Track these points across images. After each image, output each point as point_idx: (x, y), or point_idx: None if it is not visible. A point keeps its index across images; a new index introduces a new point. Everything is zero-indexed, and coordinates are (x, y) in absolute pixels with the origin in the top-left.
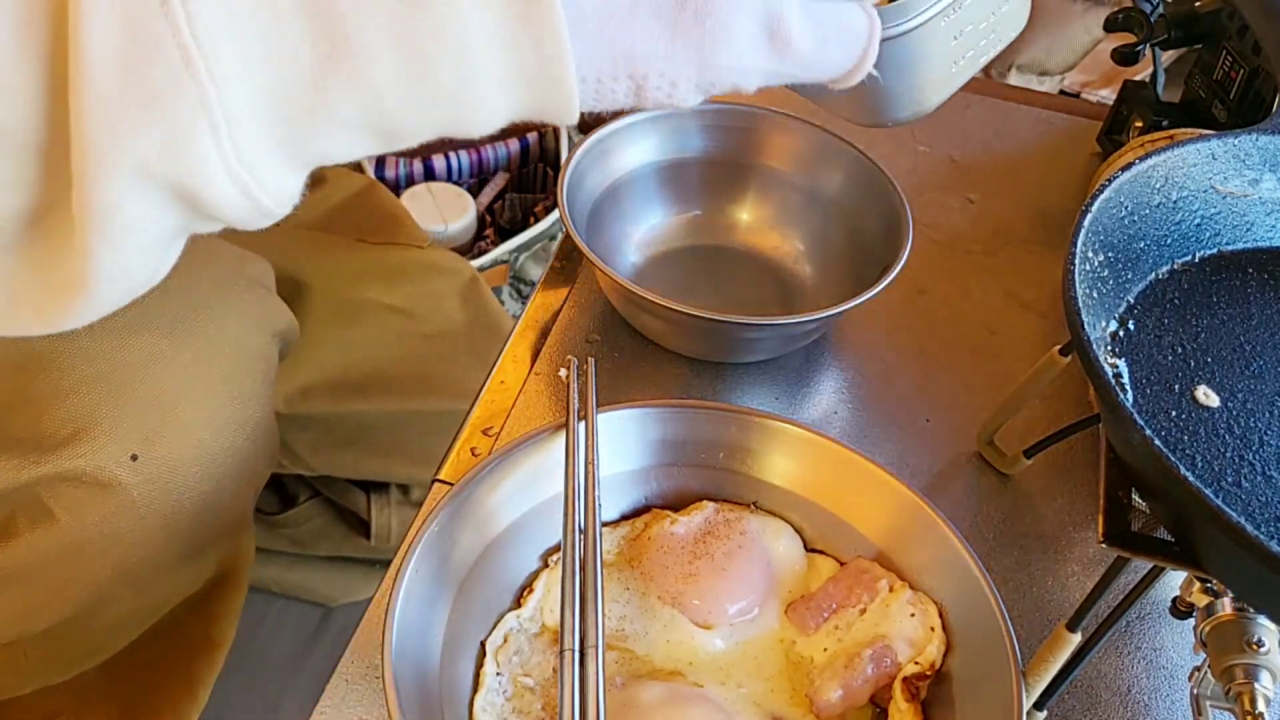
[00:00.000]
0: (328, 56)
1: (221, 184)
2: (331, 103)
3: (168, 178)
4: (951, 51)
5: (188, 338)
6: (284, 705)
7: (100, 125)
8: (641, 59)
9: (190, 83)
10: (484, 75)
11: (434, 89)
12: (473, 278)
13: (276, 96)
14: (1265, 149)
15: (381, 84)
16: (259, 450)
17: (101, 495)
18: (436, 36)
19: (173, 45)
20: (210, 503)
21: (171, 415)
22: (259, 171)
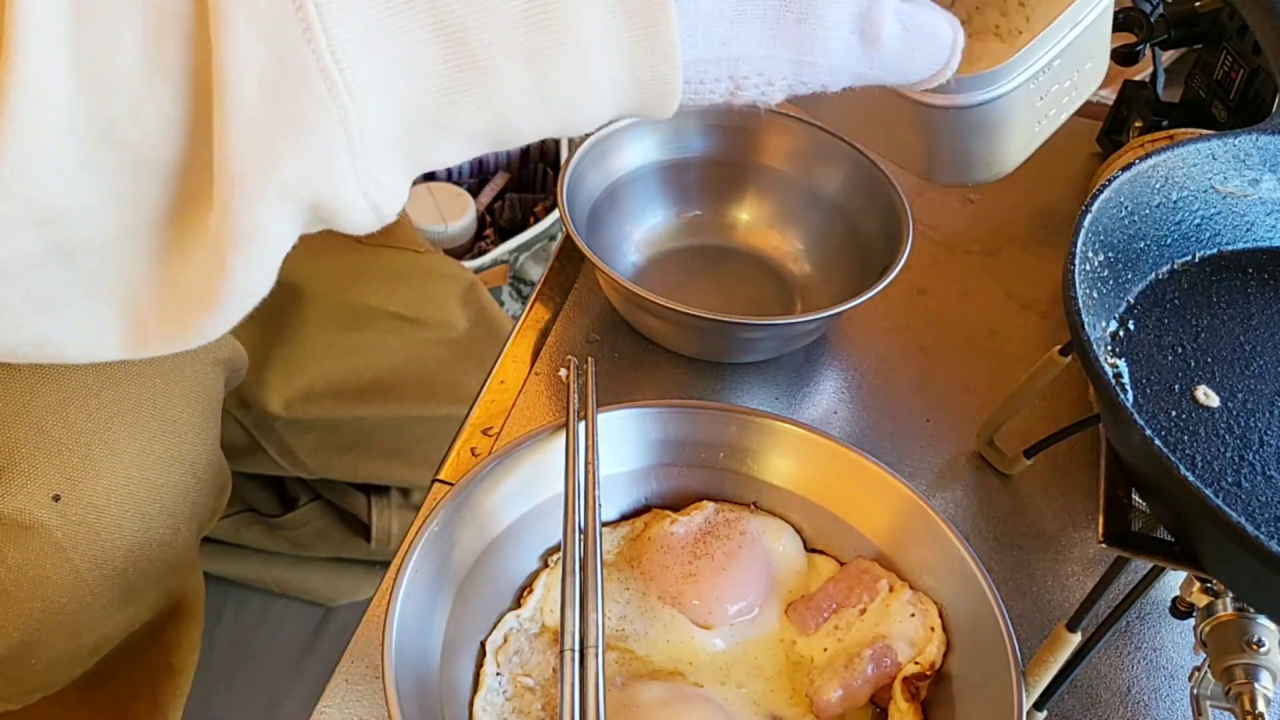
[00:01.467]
0: (457, 73)
1: (353, 197)
2: (459, 117)
3: (307, 196)
4: (1035, 113)
5: (113, 372)
6: (284, 705)
7: (248, 152)
8: (744, 60)
9: (333, 106)
10: (601, 85)
11: (554, 102)
12: (472, 283)
13: (406, 112)
14: (1265, 149)
15: (507, 101)
16: (201, 485)
17: (23, 537)
18: (561, 54)
19: (316, 71)
20: (143, 542)
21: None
22: (383, 181)
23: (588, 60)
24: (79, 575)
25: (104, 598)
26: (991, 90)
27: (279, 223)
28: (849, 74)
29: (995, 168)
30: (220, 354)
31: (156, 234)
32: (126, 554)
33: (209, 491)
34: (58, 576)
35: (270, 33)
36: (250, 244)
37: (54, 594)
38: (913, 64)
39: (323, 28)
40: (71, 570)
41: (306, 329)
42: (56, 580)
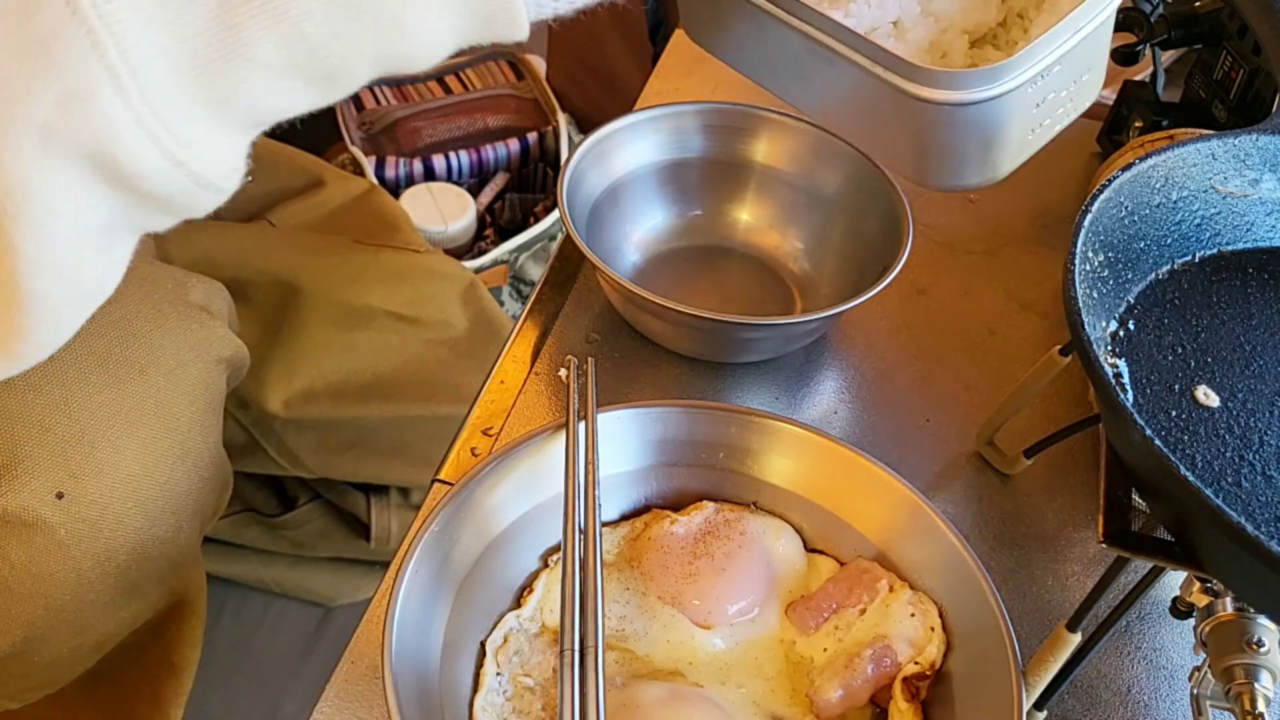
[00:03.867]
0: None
1: (140, 146)
2: (247, 42)
3: (76, 141)
4: (1031, 120)
5: (116, 369)
6: (284, 705)
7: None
8: None
9: (78, 29)
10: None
11: (359, 11)
12: (472, 282)
13: (185, 41)
14: (1265, 149)
15: (299, 13)
16: (204, 482)
17: (27, 534)
18: None
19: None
20: (146, 539)
21: (98, 450)
22: (182, 131)
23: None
24: (82, 572)
25: (107, 595)
26: (989, 89)
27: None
28: None
29: (986, 173)
30: (223, 352)
31: None
32: (129, 551)
33: (212, 489)
34: (61, 574)
35: None
36: (19, 203)
37: (57, 591)
38: None
39: None
40: (75, 567)
41: (306, 329)
42: (60, 577)
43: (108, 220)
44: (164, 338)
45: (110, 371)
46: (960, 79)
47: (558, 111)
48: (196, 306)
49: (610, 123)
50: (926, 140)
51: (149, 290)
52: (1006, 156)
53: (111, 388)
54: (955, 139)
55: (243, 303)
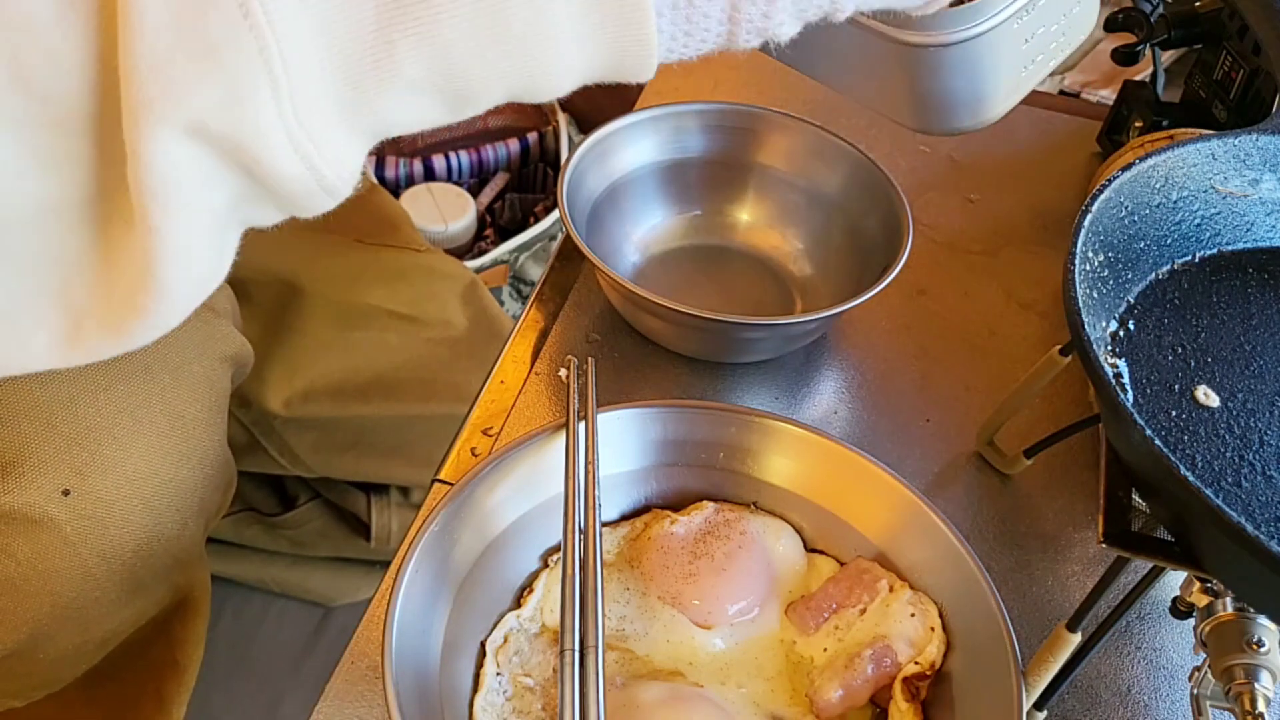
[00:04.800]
0: (395, 9)
1: (281, 148)
2: (398, 58)
3: (225, 138)
4: (1021, 56)
5: (122, 367)
6: (284, 705)
7: (153, 82)
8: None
9: (249, 33)
10: (559, 18)
11: (505, 38)
12: (472, 282)
13: (340, 52)
14: (1265, 149)
15: (451, 34)
16: (209, 480)
17: (33, 531)
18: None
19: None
20: (152, 536)
21: (104, 447)
22: (319, 137)
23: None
24: (87, 569)
25: (112, 592)
26: (973, 26)
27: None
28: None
29: (982, 113)
30: (228, 350)
31: (88, 208)
32: (135, 548)
33: (216, 486)
34: (67, 571)
35: None
36: (164, 190)
37: (63, 588)
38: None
39: None
40: (80, 564)
41: (307, 328)
42: (65, 574)
43: (230, 210)
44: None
45: (116, 369)
46: (939, 19)
47: (558, 111)
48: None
49: (610, 123)
50: (918, 84)
51: None
52: (998, 96)
53: (118, 385)
54: (945, 81)
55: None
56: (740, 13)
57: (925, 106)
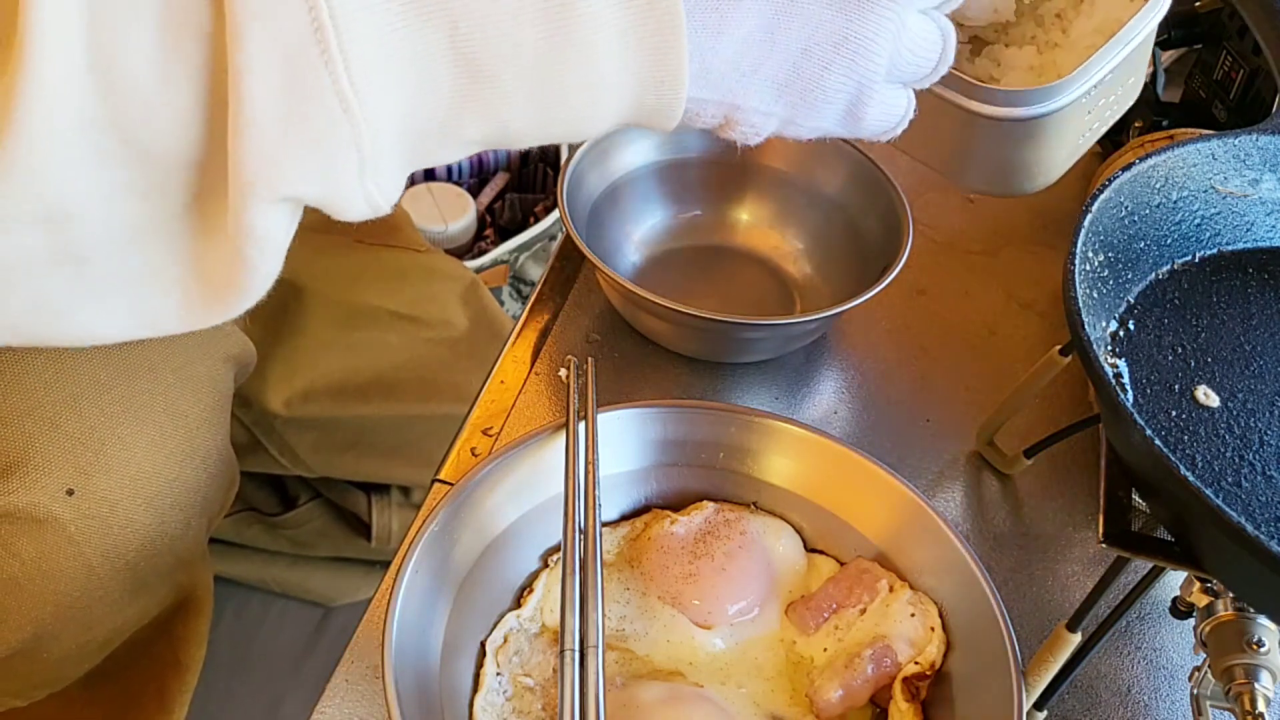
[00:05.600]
0: (467, 90)
1: (356, 201)
2: (465, 130)
3: (317, 201)
4: (1082, 127)
5: (125, 367)
6: (284, 705)
7: (261, 165)
8: (743, 109)
9: (347, 126)
10: (607, 109)
11: (558, 121)
12: (473, 282)
13: (414, 123)
14: (1265, 149)
15: (512, 117)
16: (212, 479)
17: (37, 531)
18: (573, 81)
19: (332, 94)
20: (155, 536)
21: (108, 447)
22: (384, 184)
23: (597, 88)
24: (91, 569)
25: (115, 591)
26: (1049, 104)
27: (288, 223)
28: (823, 134)
29: (1042, 178)
30: (230, 350)
31: (180, 222)
32: (138, 548)
33: (219, 485)
34: (71, 570)
35: (288, 51)
36: (262, 241)
37: (66, 587)
38: (871, 131)
39: (340, 49)
40: (84, 564)
41: (307, 328)
42: (69, 573)
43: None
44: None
45: (120, 369)
46: (1019, 96)
47: None
48: None
49: None
50: (978, 149)
51: None
52: (1060, 162)
53: (121, 385)
54: (1009, 149)
55: None
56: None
57: (980, 170)
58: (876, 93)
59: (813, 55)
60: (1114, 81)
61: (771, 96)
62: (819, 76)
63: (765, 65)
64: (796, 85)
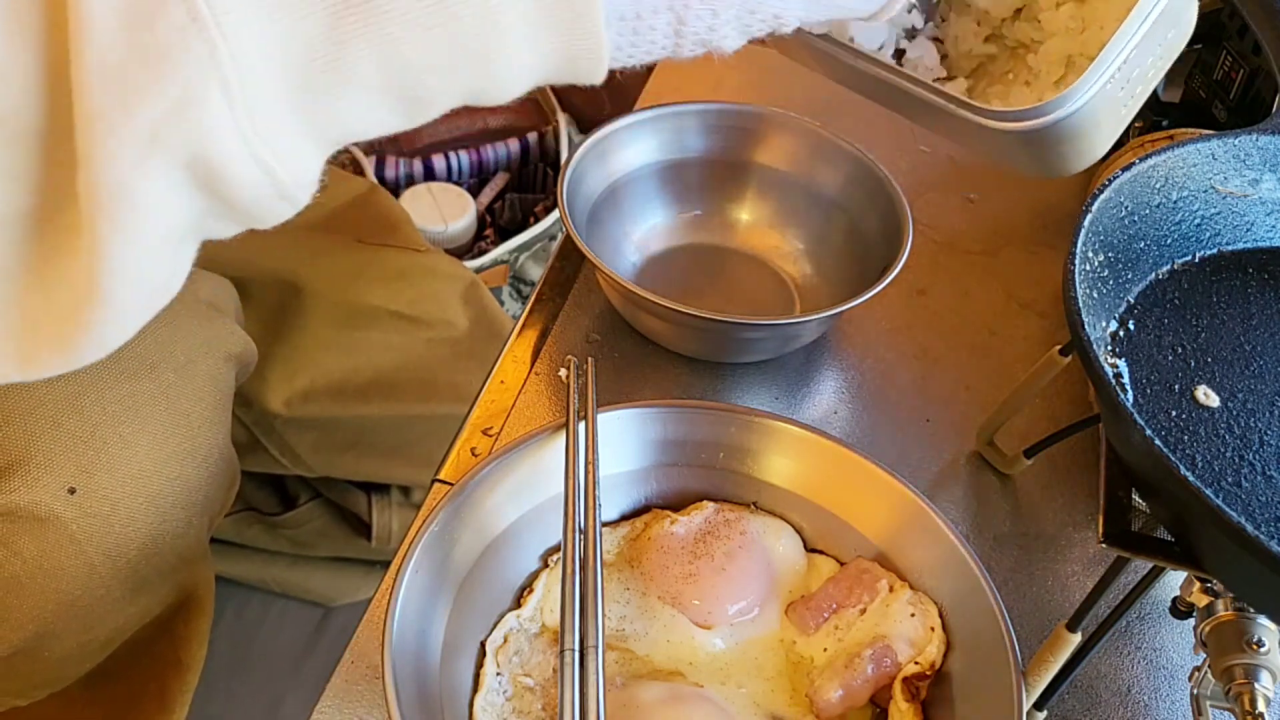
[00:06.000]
0: (345, 8)
1: (237, 156)
2: (349, 58)
3: (180, 147)
4: (1120, 101)
5: (127, 365)
6: (284, 705)
7: (105, 92)
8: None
9: (198, 38)
10: (510, 22)
11: (455, 37)
12: (473, 282)
13: (291, 54)
14: (1265, 149)
15: (400, 31)
16: (213, 478)
17: (39, 529)
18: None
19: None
20: (157, 534)
21: (109, 446)
22: (276, 142)
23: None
24: (93, 567)
25: (117, 590)
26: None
27: (147, 179)
28: (799, 4)
29: (1090, 157)
30: (232, 348)
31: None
32: (140, 546)
33: (220, 484)
34: (72, 568)
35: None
36: (116, 202)
37: (68, 586)
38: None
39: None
40: (86, 562)
41: (307, 327)
42: (71, 572)
43: (186, 225)
44: (174, 334)
45: (121, 367)
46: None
47: (558, 111)
48: (205, 303)
49: (610, 123)
50: (1029, 153)
51: None
52: (1104, 140)
53: (122, 384)
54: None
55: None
56: (686, 26)
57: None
58: None
59: None
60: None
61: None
62: None
63: None
64: None
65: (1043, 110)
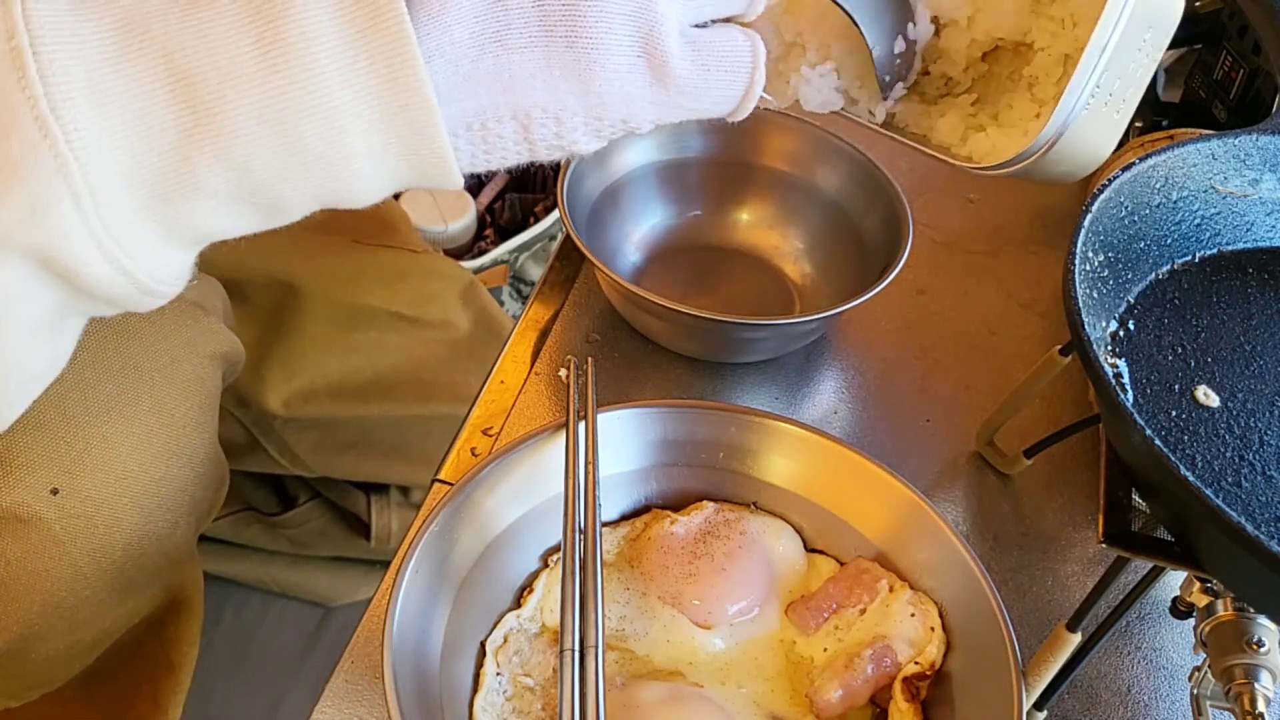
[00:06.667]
0: (192, 128)
1: (89, 257)
2: (200, 174)
3: (32, 247)
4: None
5: (111, 365)
6: (284, 705)
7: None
8: (522, 92)
9: (48, 154)
10: (353, 140)
11: (303, 158)
12: (471, 282)
13: (142, 169)
14: (1265, 149)
15: (247, 153)
16: (200, 478)
17: (21, 531)
18: (300, 102)
19: (30, 118)
20: (142, 535)
21: (92, 446)
22: (131, 245)
23: (333, 112)
24: (77, 569)
25: (103, 591)
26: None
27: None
28: (648, 103)
29: (1095, 162)
30: (217, 348)
31: None
32: (125, 548)
33: (207, 485)
34: (56, 570)
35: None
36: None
37: (53, 588)
38: (714, 86)
39: (38, 73)
40: (70, 564)
41: (305, 328)
42: (55, 574)
43: (56, 310)
44: (159, 334)
45: (105, 367)
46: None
47: None
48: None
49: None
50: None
51: None
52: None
53: (106, 383)
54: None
55: (241, 302)
56: (533, 133)
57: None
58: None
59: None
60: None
61: (539, 65)
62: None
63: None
64: (557, 39)
65: (1024, 155)
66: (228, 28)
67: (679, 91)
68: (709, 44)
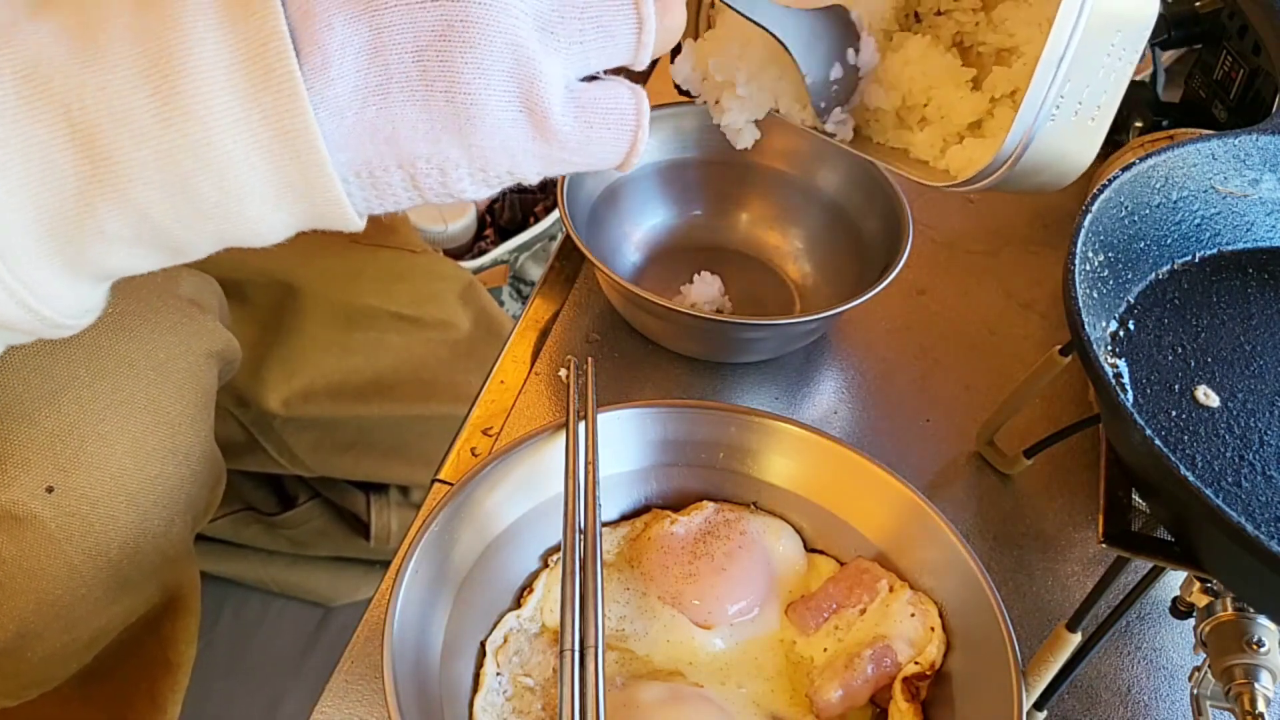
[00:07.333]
0: (91, 176)
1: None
2: (101, 219)
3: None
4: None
5: (105, 363)
6: (284, 705)
7: None
8: (405, 143)
9: None
10: (248, 189)
11: (200, 206)
12: (470, 283)
13: (42, 213)
14: (1265, 149)
15: (146, 201)
16: (196, 476)
17: (17, 529)
18: (195, 155)
19: None
20: (138, 533)
21: (88, 444)
22: (37, 287)
23: (225, 162)
24: (73, 567)
25: (99, 589)
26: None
27: None
28: (532, 157)
29: (1077, 170)
30: (213, 346)
31: None
32: (121, 546)
33: (203, 483)
34: (52, 568)
35: None
36: None
37: (49, 586)
38: (594, 145)
39: None
40: (66, 562)
41: (305, 328)
42: (51, 572)
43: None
44: (154, 332)
45: (100, 365)
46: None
47: None
48: (186, 300)
49: None
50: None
51: (139, 284)
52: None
53: (101, 381)
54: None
55: (240, 302)
56: (419, 182)
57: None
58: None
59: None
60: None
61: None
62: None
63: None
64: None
65: (988, 170)
66: (125, 81)
67: (561, 147)
68: (594, 101)
